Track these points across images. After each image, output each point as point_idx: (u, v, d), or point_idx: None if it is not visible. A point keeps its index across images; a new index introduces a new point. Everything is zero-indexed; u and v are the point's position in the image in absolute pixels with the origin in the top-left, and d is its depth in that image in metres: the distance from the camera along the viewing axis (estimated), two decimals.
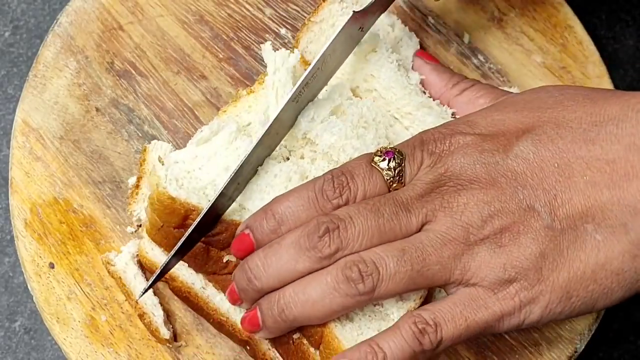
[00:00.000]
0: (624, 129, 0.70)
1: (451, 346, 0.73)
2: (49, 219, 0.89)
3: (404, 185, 0.75)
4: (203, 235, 0.80)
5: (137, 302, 0.85)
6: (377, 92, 0.87)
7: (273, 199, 0.77)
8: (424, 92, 0.88)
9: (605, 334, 1.00)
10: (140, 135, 0.92)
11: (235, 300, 0.80)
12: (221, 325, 0.85)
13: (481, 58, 0.96)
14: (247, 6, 0.97)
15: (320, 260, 0.73)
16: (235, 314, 0.84)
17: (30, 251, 0.88)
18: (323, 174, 0.76)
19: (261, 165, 0.82)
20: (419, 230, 0.73)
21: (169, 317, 0.86)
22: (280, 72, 0.85)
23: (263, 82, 0.88)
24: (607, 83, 0.95)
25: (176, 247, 0.77)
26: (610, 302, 0.72)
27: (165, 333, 0.84)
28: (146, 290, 0.80)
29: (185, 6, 0.96)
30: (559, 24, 0.97)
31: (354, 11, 0.81)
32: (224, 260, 0.82)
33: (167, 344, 0.85)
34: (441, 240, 0.72)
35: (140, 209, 0.88)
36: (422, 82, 0.89)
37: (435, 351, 0.73)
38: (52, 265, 0.88)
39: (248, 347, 0.85)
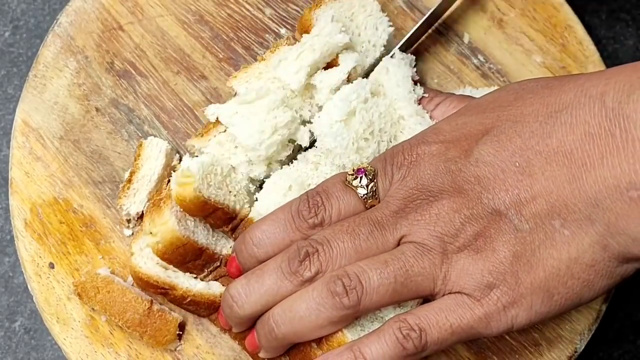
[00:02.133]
0: (578, 117, 0.69)
1: (437, 350, 0.74)
2: (49, 219, 0.89)
3: (379, 201, 0.77)
4: None
5: (150, 305, 0.85)
6: (383, 88, 0.88)
7: (252, 225, 0.81)
8: (424, 109, 0.89)
9: (605, 334, 1.00)
10: (140, 135, 0.92)
11: (225, 325, 0.83)
12: None
13: (481, 58, 0.96)
14: (247, 6, 0.97)
15: (303, 283, 0.75)
16: None
17: (30, 251, 0.88)
18: (298, 196, 0.79)
19: None
20: (397, 245, 0.75)
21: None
22: (319, 40, 0.87)
23: (275, 50, 0.89)
24: None
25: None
26: (596, 293, 0.72)
27: (178, 317, 0.85)
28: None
29: (185, 6, 0.96)
30: (559, 24, 0.97)
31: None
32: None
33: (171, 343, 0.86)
34: (420, 251, 0.73)
35: (130, 204, 0.88)
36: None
37: (420, 355, 0.73)
38: (52, 265, 0.88)
39: None
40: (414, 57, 0.92)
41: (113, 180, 0.91)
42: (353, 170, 0.77)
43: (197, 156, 0.88)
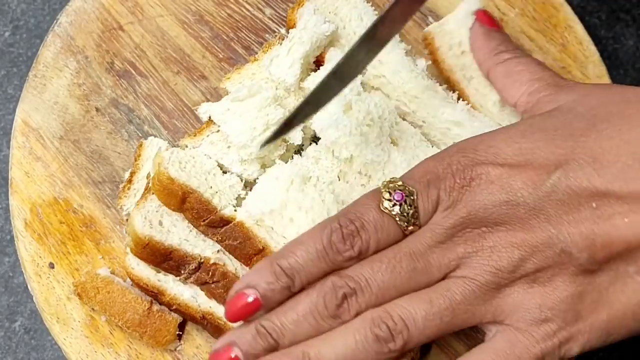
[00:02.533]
0: None
1: None
2: (49, 219, 0.89)
3: (420, 227, 0.70)
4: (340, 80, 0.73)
5: (150, 305, 0.85)
6: (386, 78, 0.88)
7: (276, 255, 0.72)
8: (430, 78, 0.88)
9: None
10: (140, 135, 0.92)
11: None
12: (218, 329, 0.84)
13: None
14: (247, 6, 0.97)
15: (341, 323, 0.69)
16: None
17: (30, 251, 0.88)
18: (330, 221, 0.71)
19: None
20: (443, 277, 0.70)
21: None
22: (306, 32, 0.87)
23: (267, 50, 0.89)
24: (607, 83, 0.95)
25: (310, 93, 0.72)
26: None
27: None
28: (267, 142, 0.72)
29: (185, 6, 0.96)
30: (559, 24, 0.96)
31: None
32: (211, 262, 0.83)
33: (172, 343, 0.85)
34: (470, 288, 0.68)
35: (130, 204, 0.88)
36: (470, 45, 0.88)
37: None
38: (52, 265, 0.88)
39: None
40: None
41: (113, 180, 0.91)
42: (389, 194, 0.70)
43: None
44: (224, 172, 0.85)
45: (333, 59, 0.87)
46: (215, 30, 0.96)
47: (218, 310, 0.84)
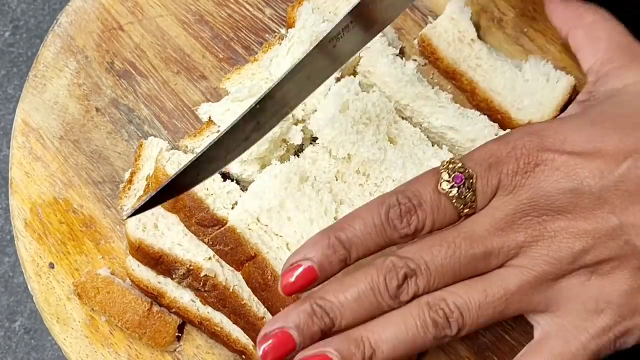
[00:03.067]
0: None
1: None
2: (49, 219, 0.89)
3: (475, 210, 0.69)
4: (257, 131, 0.72)
5: (150, 306, 0.85)
6: (377, 87, 0.88)
7: (333, 226, 0.70)
8: (422, 80, 0.88)
9: None
10: (140, 135, 0.92)
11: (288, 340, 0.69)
12: (215, 336, 0.85)
13: None
14: (247, 6, 0.96)
15: (399, 304, 0.67)
16: (228, 324, 0.84)
17: (30, 251, 0.88)
18: (387, 196, 0.70)
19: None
20: (500, 265, 0.68)
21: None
22: (305, 31, 0.87)
23: (267, 50, 0.90)
24: None
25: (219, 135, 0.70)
26: None
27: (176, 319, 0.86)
28: (134, 213, 0.70)
29: (185, 6, 0.96)
30: None
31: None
32: (201, 275, 0.83)
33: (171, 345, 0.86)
34: (526, 279, 0.67)
35: (130, 204, 0.89)
36: (548, 12, 0.88)
37: None
38: (52, 265, 0.88)
39: (244, 356, 0.84)
40: (395, 33, 0.93)
41: (113, 180, 0.91)
42: (448, 175, 0.69)
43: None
44: (225, 179, 0.85)
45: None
46: (215, 30, 0.96)
47: (215, 316, 0.84)
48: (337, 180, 0.84)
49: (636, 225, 0.66)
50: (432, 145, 0.86)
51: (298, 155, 0.86)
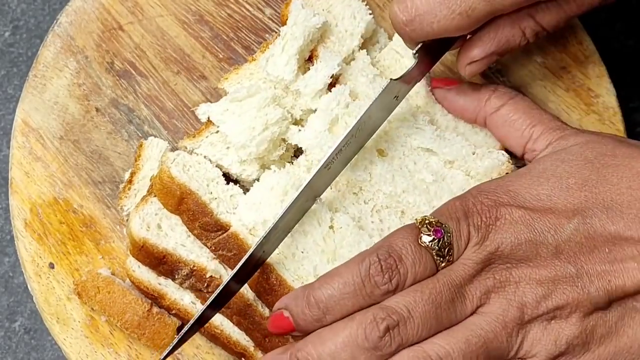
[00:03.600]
0: None
1: None
2: (49, 219, 0.89)
3: (452, 263, 0.72)
4: (239, 283, 0.78)
5: (150, 307, 0.85)
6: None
7: (314, 284, 0.73)
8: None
9: None
10: (140, 135, 0.92)
11: None
12: (215, 338, 0.84)
13: None
14: (247, 6, 0.96)
15: (382, 356, 0.69)
16: (229, 327, 0.84)
17: (30, 251, 0.88)
18: (367, 254, 0.72)
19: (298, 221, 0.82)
20: (474, 312, 0.72)
21: None
22: (297, 28, 0.87)
23: (264, 50, 0.90)
24: (607, 83, 0.95)
25: (211, 298, 0.75)
26: None
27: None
28: (170, 353, 0.76)
29: (185, 6, 0.96)
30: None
31: (391, 79, 0.80)
32: (207, 276, 0.83)
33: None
34: (500, 324, 0.71)
35: (131, 204, 0.88)
36: (452, 111, 0.89)
37: None
38: (52, 266, 0.88)
39: (244, 359, 0.85)
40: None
41: (113, 180, 0.91)
42: (427, 229, 0.72)
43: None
44: (228, 182, 0.85)
45: (328, 63, 0.87)
46: (215, 30, 0.96)
47: (215, 318, 0.83)
48: (331, 189, 0.84)
49: (589, 274, 0.72)
50: (423, 154, 0.86)
51: (297, 156, 0.86)
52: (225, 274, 0.83)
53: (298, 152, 0.89)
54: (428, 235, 0.72)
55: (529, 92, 0.94)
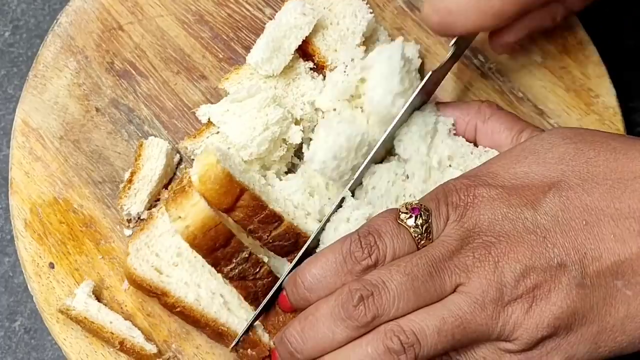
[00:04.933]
0: None
1: None
2: (49, 219, 0.89)
3: (432, 241, 0.74)
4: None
5: (112, 333, 0.84)
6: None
7: (302, 265, 0.77)
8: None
9: None
10: (140, 135, 0.92)
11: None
12: (221, 336, 0.84)
13: (481, 58, 0.96)
14: (247, 6, 0.96)
15: (358, 328, 0.72)
16: (234, 324, 0.84)
17: (30, 251, 0.88)
18: (350, 235, 0.75)
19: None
20: (454, 290, 0.73)
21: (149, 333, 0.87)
22: (277, 19, 0.90)
23: None
24: (607, 83, 0.95)
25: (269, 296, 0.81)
26: (638, 348, 0.73)
27: (152, 348, 0.85)
28: (238, 341, 0.84)
29: (185, 6, 0.96)
30: (559, 24, 0.96)
31: (432, 71, 0.83)
32: (263, 261, 0.82)
33: (158, 359, 0.85)
34: (479, 304, 0.71)
35: (131, 204, 0.88)
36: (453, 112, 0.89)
37: None
38: (52, 266, 0.88)
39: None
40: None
41: (113, 180, 0.91)
42: (406, 208, 0.75)
43: (192, 158, 0.89)
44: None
45: (333, 84, 0.88)
46: (215, 30, 0.96)
47: (221, 315, 0.84)
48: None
49: (566, 247, 0.71)
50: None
51: (298, 156, 0.87)
52: (279, 265, 0.85)
53: (299, 152, 0.89)
54: (405, 213, 0.74)
55: (529, 92, 0.94)
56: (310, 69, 0.91)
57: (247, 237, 0.84)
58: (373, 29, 0.93)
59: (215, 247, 0.81)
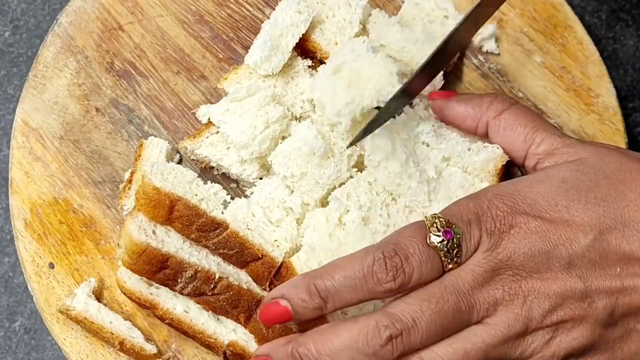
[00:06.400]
0: None
1: None
2: (49, 219, 0.89)
3: (459, 265, 0.72)
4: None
5: (112, 333, 0.84)
6: (393, 57, 0.89)
7: (315, 271, 0.74)
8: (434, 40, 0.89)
9: None
10: (140, 135, 0.92)
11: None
12: (210, 347, 0.84)
13: (481, 58, 0.96)
14: (247, 6, 0.96)
15: None
16: (222, 334, 0.83)
17: (30, 251, 0.88)
18: (373, 249, 0.72)
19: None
20: (478, 321, 0.72)
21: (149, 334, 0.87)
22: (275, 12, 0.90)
23: None
24: (607, 83, 0.95)
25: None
26: None
27: (151, 348, 0.84)
28: (355, 141, 0.81)
29: (185, 6, 0.96)
30: (559, 24, 0.96)
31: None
32: (216, 277, 0.81)
33: (158, 359, 0.85)
34: (502, 337, 0.71)
35: (131, 204, 0.88)
36: (451, 124, 0.88)
37: None
38: (52, 266, 0.88)
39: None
40: None
41: (113, 180, 0.91)
42: (437, 229, 0.72)
43: (192, 158, 0.90)
44: (206, 182, 0.84)
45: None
46: (215, 30, 0.96)
47: (208, 327, 0.83)
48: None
49: (598, 291, 0.72)
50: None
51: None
52: (233, 274, 0.82)
53: None
54: (437, 235, 0.71)
55: (529, 92, 0.94)
56: (309, 66, 0.91)
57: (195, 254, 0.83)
58: (369, 14, 0.93)
59: (154, 270, 0.81)
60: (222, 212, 0.83)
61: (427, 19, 0.93)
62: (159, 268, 0.81)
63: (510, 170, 0.89)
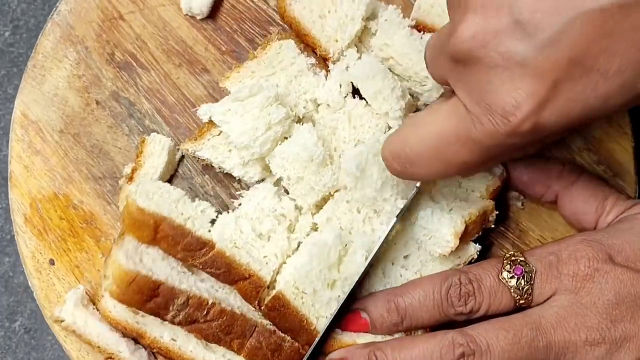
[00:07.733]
0: None
1: None
2: (48, 214, 0.88)
3: (531, 302, 0.76)
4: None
5: (99, 347, 0.83)
6: (395, 60, 0.86)
7: (395, 291, 0.80)
8: None
9: None
10: (141, 129, 0.91)
11: None
12: None
13: None
14: None
15: None
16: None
17: (31, 247, 0.87)
18: (451, 274, 0.78)
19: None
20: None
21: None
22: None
23: (266, 46, 0.88)
24: None
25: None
26: None
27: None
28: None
29: None
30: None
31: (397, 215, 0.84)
32: (209, 303, 0.81)
33: None
34: None
35: None
36: (516, 184, 0.89)
37: None
38: (52, 262, 0.87)
39: None
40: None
41: (113, 175, 0.90)
42: (510, 266, 0.77)
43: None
44: (193, 200, 0.84)
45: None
46: (218, 21, 0.94)
47: (197, 354, 0.83)
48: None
49: None
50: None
51: None
52: (226, 299, 0.82)
53: None
54: (508, 272, 0.77)
55: None
56: (312, 64, 0.89)
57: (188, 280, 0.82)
58: (373, 8, 0.91)
59: (145, 300, 0.79)
60: (209, 230, 0.82)
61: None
62: (149, 297, 0.79)
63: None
